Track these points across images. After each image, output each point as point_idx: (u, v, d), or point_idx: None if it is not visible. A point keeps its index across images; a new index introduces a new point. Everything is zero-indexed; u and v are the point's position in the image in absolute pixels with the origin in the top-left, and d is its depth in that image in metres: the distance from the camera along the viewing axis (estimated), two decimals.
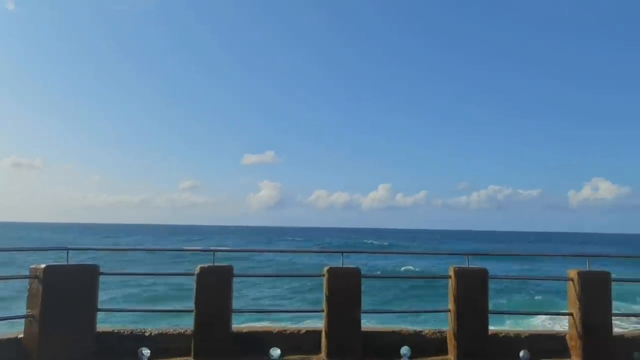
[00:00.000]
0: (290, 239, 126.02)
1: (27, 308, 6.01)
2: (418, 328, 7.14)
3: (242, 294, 28.68)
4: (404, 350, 6.72)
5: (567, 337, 6.90)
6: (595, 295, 6.74)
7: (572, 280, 6.85)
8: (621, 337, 6.93)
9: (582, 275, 6.78)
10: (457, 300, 6.62)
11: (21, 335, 6.00)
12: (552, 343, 6.91)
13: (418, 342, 6.79)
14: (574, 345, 6.75)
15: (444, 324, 7.12)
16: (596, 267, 6.92)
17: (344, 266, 6.67)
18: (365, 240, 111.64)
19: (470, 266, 6.80)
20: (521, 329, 9.00)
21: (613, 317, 6.78)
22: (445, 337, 6.80)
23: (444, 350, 6.71)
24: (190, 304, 6.37)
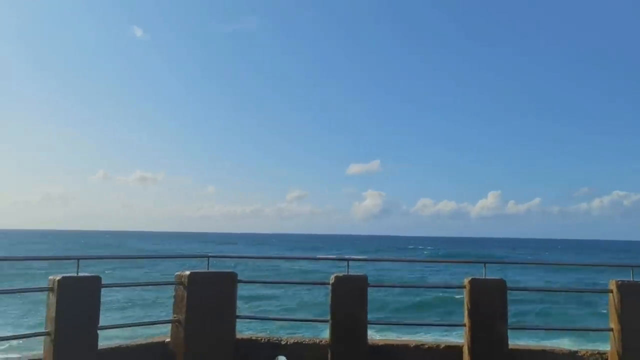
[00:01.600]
0: (412, 247, 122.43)
1: (174, 313, 6.31)
2: (574, 348, 6.38)
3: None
4: None
5: None
6: None
7: None
8: None
9: None
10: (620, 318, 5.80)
11: (168, 339, 6.31)
12: None
13: None
14: None
15: None
16: None
17: (487, 277, 6.16)
18: (474, 251, 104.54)
19: None
20: None
21: None
22: (607, 358, 5.98)
23: None
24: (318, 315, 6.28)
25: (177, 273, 6.42)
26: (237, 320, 6.49)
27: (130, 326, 7.15)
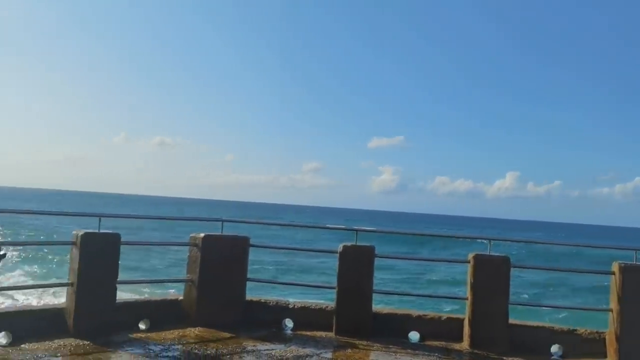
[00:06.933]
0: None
1: (187, 273, 6.60)
2: (571, 327, 6.56)
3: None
4: (555, 348, 6.22)
5: None
6: None
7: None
8: None
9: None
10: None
11: (181, 298, 6.61)
12: None
13: (571, 340, 6.24)
14: None
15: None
16: None
17: (490, 254, 6.33)
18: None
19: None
20: None
21: None
22: (605, 338, 6.16)
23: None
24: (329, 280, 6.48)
25: (192, 235, 6.68)
26: (248, 282, 6.76)
27: (146, 282, 7.47)
